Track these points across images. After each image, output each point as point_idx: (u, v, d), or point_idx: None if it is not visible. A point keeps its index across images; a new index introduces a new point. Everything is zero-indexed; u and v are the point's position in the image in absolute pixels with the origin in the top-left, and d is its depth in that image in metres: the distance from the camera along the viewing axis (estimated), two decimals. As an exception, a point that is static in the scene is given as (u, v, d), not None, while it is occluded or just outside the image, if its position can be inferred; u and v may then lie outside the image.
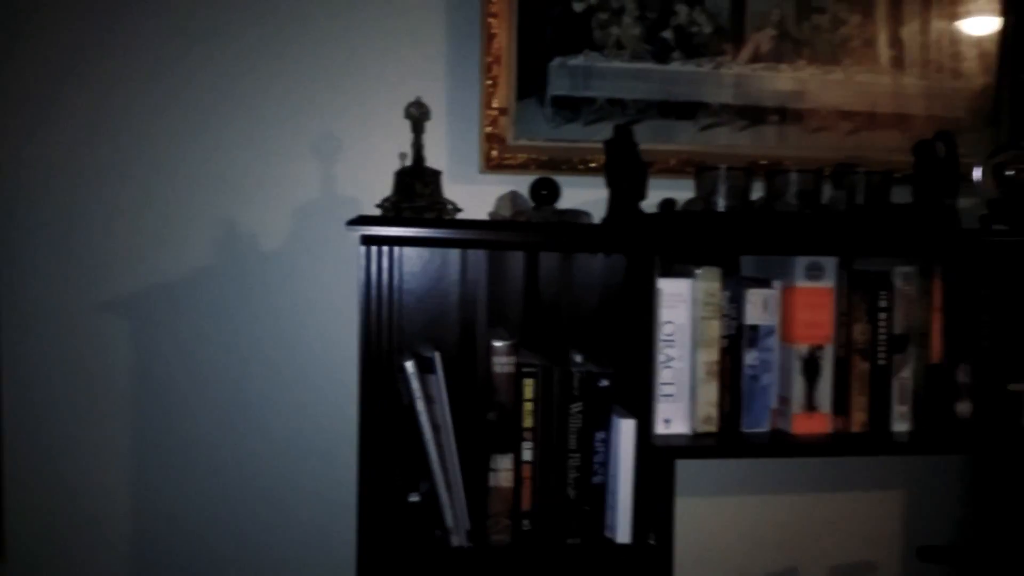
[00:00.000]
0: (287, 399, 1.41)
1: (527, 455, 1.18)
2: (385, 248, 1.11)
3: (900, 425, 1.30)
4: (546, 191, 1.24)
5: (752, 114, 1.47)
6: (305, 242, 1.41)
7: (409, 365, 1.13)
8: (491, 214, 1.29)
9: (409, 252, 1.32)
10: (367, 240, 1.10)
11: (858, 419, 1.30)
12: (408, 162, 1.19)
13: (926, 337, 1.31)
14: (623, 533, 1.19)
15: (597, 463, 1.20)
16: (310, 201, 1.40)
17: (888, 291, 1.30)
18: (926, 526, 1.55)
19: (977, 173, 1.39)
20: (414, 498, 1.20)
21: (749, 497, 1.53)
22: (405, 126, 1.20)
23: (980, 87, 1.53)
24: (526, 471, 1.18)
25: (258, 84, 1.38)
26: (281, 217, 1.40)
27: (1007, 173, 1.37)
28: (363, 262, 1.11)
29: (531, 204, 1.28)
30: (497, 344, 1.17)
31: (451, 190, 1.27)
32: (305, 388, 1.42)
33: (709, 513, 1.52)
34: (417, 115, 1.20)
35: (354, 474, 1.11)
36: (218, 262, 1.39)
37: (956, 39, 1.52)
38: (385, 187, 1.22)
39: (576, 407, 1.19)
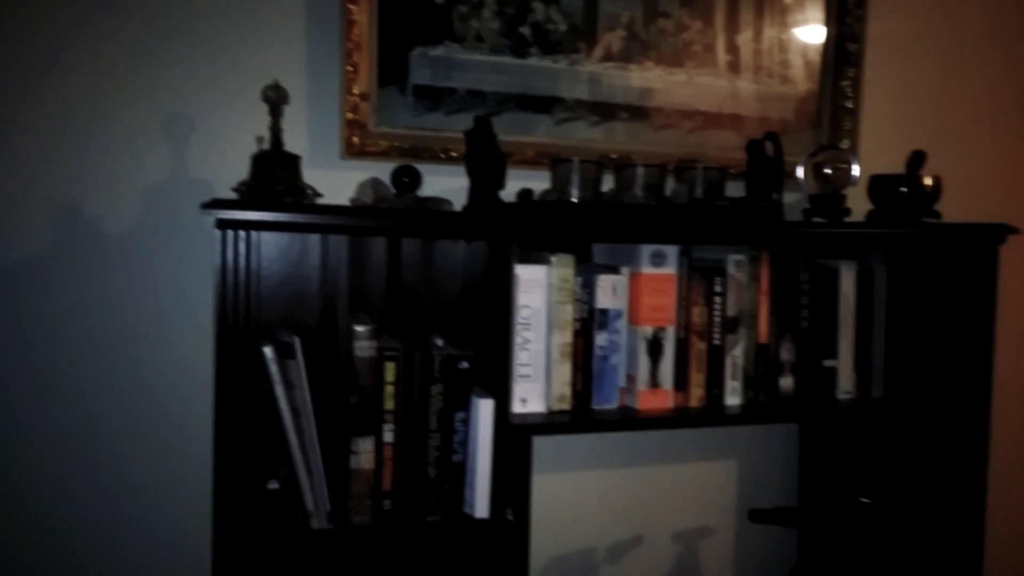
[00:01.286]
0: (139, 389, 1.36)
1: (388, 437, 1.20)
2: (242, 233, 1.09)
3: (733, 399, 1.43)
4: (408, 178, 1.27)
5: (604, 110, 1.56)
6: (156, 227, 1.36)
7: (268, 351, 1.13)
8: (352, 200, 1.30)
9: (268, 238, 1.30)
10: (223, 224, 1.08)
11: (696, 394, 1.41)
12: (266, 146, 1.18)
13: (755, 319, 1.44)
14: (481, 509, 1.24)
15: (457, 442, 1.24)
16: (161, 184, 1.36)
17: (722, 277, 1.42)
18: (757, 491, 1.71)
19: (800, 171, 1.54)
20: (273, 485, 1.19)
21: (599, 471, 1.62)
22: (263, 109, 1.19)
23: (805, 92, 1.69)
24: (387, 452, 1.20)
25: (103, 61, 1.32)
26: (129, 201, 1.34)
27: (825, 171, 1.53)
28: (219, 247, 1.09)
29: (392, 191, 1.29)
30: (358, 328, 1.19)
31: (311, 176, 1.27)
32: (158, 377, 1.37)
33: (563, 488, 1.60)
34: (275, 98, 1.19)
35: (211, 464, 1.09)
36: (59, 247, 1.31)
37: (785, 47, 1.67)
38: (241, 171, 1.20)
39: (437, 389, 1.22)
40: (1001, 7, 1.86)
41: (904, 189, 1.52)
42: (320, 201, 1.23)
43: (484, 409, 1.24)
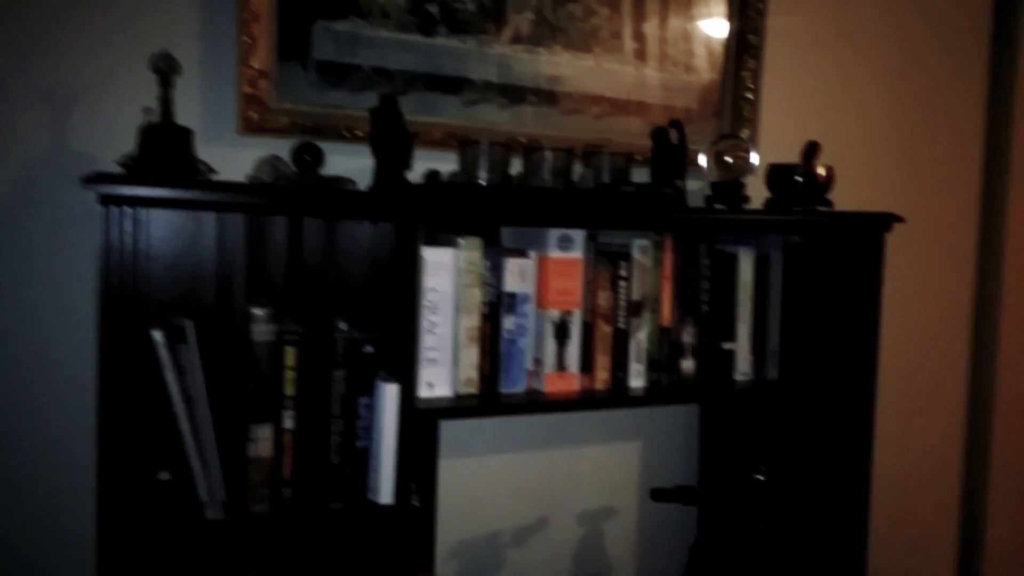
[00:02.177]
0: (17, 376, 1.27)
1: (288, 423, 1.16)
2: (128, 210, 1.03)
3: (636, 381, 1.46)
4: (308, 156, 1.22)
5: (513, 93, 1.55)
6: (35, 203, 1.26)
7: (157, 335, 1.07)
8: (249, 177, 1.24)
9: (159, 216, 1.23)
10: (107, 200, 1.02)
11: (601, 377, 1.43)
12: (154, 118, 1.11)
13: (658, 303, 1.47)
14: (386, 495, 1.22)
15: (361, 428, 1.21)
16: (40, 158, 1.26)
17: (628, 262, 1.44)
18: (660, 471, 1.75)
19: (703, 158, 1.58)
20: (165, 476, 1.14)
21: (506, 455, 1.63)
22: (153, 81, 1.12)
23: (709, 82, 1.73)
24: (287, 439, 1.16)
25: (-29, 20, 1.21)
26: (4, 175, 1.24)
27: (726, 159, 1.57)
28: (103, 224, 1.02)
29: (293, 169, 1.25)
30: (256, 312, 1.14)
31: (206, 152, 1.21)
32: (39, 364, 1.28)
33: (470, 472, 1.59)
34: (164, 68, 1.12)
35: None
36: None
37: (689, 37, 1.70)
38: (129, 145, 1.13)
39: (339, 374, 1.19)
40: (893, 3, 1.95)
41: (799, 178, 1.58)
42: (215, 178, 1.18)
43: (389, 394, 1.21)
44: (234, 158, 1.29)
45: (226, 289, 1.24)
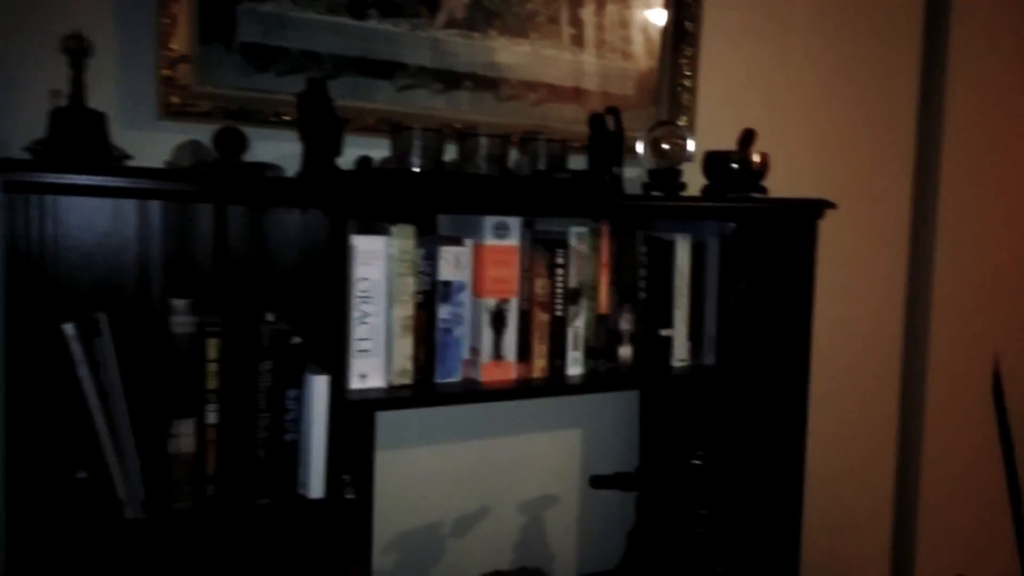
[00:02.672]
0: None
1: (212, 418, 1.13)
2: (35, 198, 0.98)
3: (575, 369, 1.45)
4: (231, 141, 1.18)
5: (448, 78, 1.52)
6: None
7: (69, 328, 1.02)
8: (167, 163, 1.20)
9: (73, 204, 1.17)
10: (11, 187, 0.97)
11: (539, 365, 1.42)
12: (64, 102, 1.06)
13: (595, 290, 1.46)
14: (316, 489, 1.19)
15: (289, 421, 1.18)
16: (-57, 142, 1.19)
17: (564, 249, 1.43)
18: (601, 458, 1.75)
19: (640, 145, 1.58)
20: (82, 475, 1.09)
21: (446, 445, 1.61)
22: (64, 62, 1.07)
23: (647, 69, 1.73)
24: (210, 434, 1.13)
25: None
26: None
27: (663, 146, 1.57)
28: (7, 213, 0.97)
29: (215, 155, 1.20)
30: (176, 303, 1.10)
31: (123, 137, 1.16)
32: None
33: (409, 463, 1.57)
34: (76, 49, 1.07)
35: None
36: None
37: (627, 24, 1.69)
38: (37, 129, 1.07)
39: (266, 366, 1.16)
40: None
41: (735, 165, 1.59)
42: (130, 163, 1.13)
43: (318, 386, 1.18)
44: (154, 143, 1.24)
45: (145, 280, 1.19)
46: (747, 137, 1.61)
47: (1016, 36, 2.20)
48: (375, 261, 1.27)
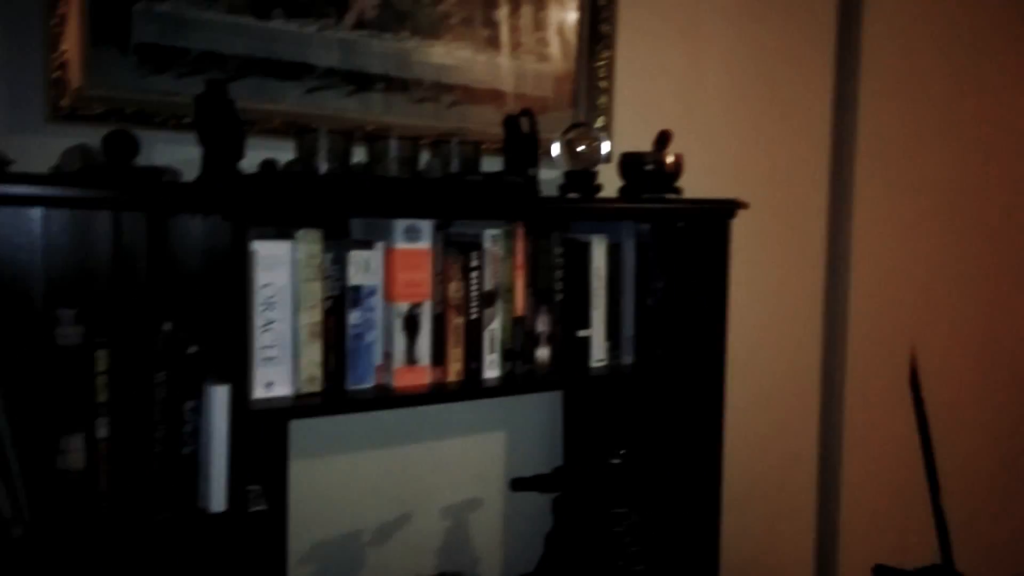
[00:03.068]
0: None
1: (103, 432, 1.08)
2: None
3: (491, 372, 1.44)
4: (121, 145, 1.14)
5: (359, 80, 1.50)
6: None
7: (-58, 342, 0.97)
8: (54, 169, 1.15)
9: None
10: None
11: (454, 369, 1.41)
12: (-65, 104, 1.01)
13: (511, 292, 1.46)
14: (218, 502, 1.16)
15: (187, 433, 1.14)
16: None
17: (479, 251, 1.42)
18: (525, 460, 1.74)
19: (555, 148, 1.58)
20: (-38, 495, 1.04)
21: (365, 452, 1.58)
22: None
23: (563, 71, 1.73)
24: (102, 449, 1.08)
25: None
26: None
27: (578, 148, 1.57)
28: None
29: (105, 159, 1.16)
30: (64, 313, 1.05)
31: (11, 141, 1.11)
32: None
33: (326, 472, 1.54)
34: (-52, 49, 1.02)
35: None
36: None
37: (543, 26, 1.69)
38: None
39: (161, 376, 1.12)
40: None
41: (650, 167, 1.60)
42: (16, 169, 1.08)
43: (218, 396, 1.15)
44: (43, 148, 1.19)
45: (28, 290, 1.14)
46: (662, 138, 1.63)
47: (927, 37, 2.27)
48: (279, 267, 1.24)
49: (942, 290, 2.39)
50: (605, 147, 1.58)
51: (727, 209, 1.56)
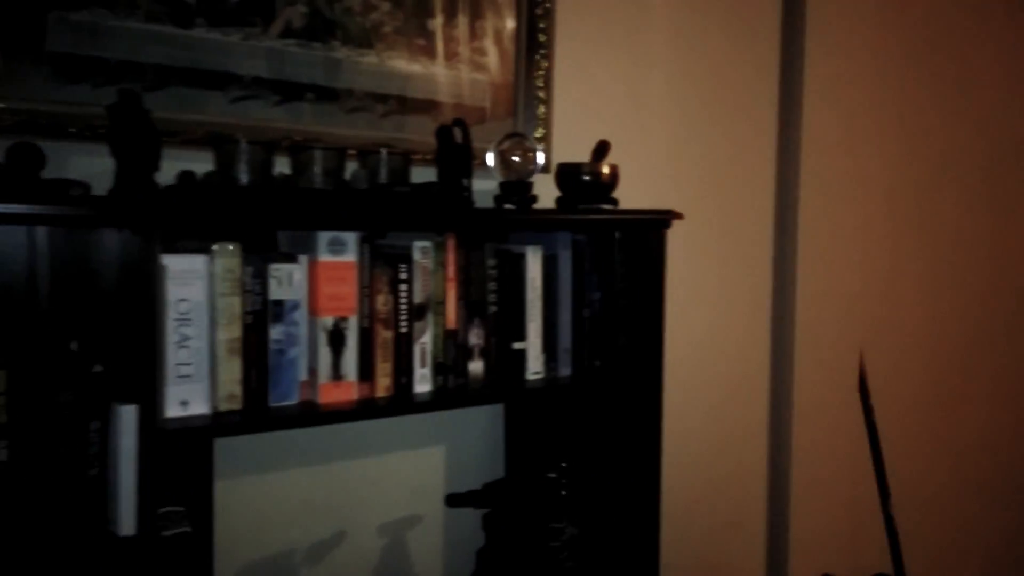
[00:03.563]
0: None
1: (2, 455, 1.04)
2: None
3: (423, 386, 1.42)
4: (26, 157, 1.10)
5: (287, 90, 1.47)
6: None
7: None
8: (-49, 182, 1.11)
9: None
10: None
11: (383, 384, 1.38)
12: None
13: (443, 305, 1.44)
14: (127, 526, 1.12)
15: (93, 455, 1.11)
16: None
17: (408, 264, 1.40)
18: (466, 474, 1.72)
19: (490, 158, 1.56)
20: None
21: (298, 470, 1.55)
22: None
23: (502, 81, 1.71)
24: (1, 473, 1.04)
25: None
26: None
27: (513, 159, 1.56)
28: None
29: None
30: (-43, 333, 1.02)
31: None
32: None
33: (256, 491, 1.51)
34: None
35: None
36: None
37: (479, 35, 1.68)
38: None
39: (65, 397, 1.08)
40: (682, 4, 2.00)
41: (586, 177, 1.59)
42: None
43: (126, 416, 1.11)
44: (-54, 160, 1.15)
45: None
46: (601, 149, 1.61)
47: (871, 41, 2.29)
48: (195, 281, 1.21)
49: (890, 295, 2.41)
50: (540, 157, 1.56)
51: (662, 219, 1.55)
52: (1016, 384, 2.76)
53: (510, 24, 1.70)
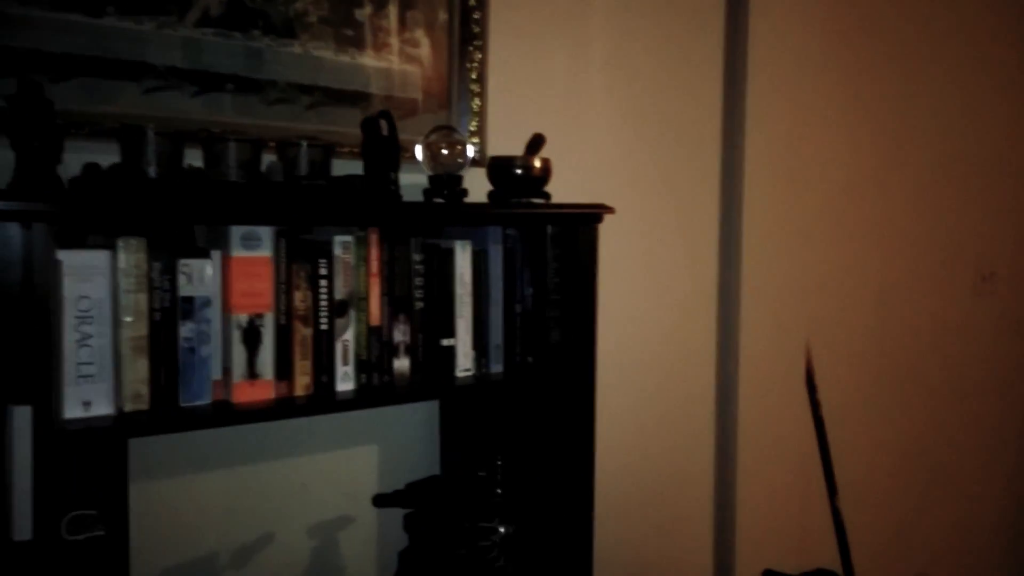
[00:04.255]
0: None
1: None
2: None
3: (345, 385, 1.38)
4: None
5: (205, 80, 1.43)
6: None
7: None
8: None
9: None
10: None
11: (302, 383, 1.34)
12: None
13: (366, 301, 1.40)
14: (23, 530, 1.08)
15: (-16, 459, 1.06)
16: None
17: (328, 259, 1.36)
18: (401, 473, 1.68)
19: (419, 151, 1.53)
20: None
21: (219, 472, 1.51)
22: None
23: (434, 73, 1.68)
24: None
25: None
26: None
27: (442, 151, 1.52)
28: None
29: None
30: None
31: None
32: None
33: (175, 494, 1.47)
34: None
35: None
36: None
37: (410, 26, 1.64)
38: None
39: (-49, 398, 1.04)
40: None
41: (519, 171, 1.56)
42: None
43: (20, 417, 1.07)
44: None
45: None
46: (535, 142, 1.59)
47: (816, 36, 2.28)
48: (96, 277, 1.17)
49: (837, 289, 2.40)
50: (470, 150, 1.53)
51: (594, 214, 1.53)
52: (963, 378, 2.77)
53: (442, 15, 1.67)
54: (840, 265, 2.39)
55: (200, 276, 1.26)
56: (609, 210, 1.53)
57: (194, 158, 1.32)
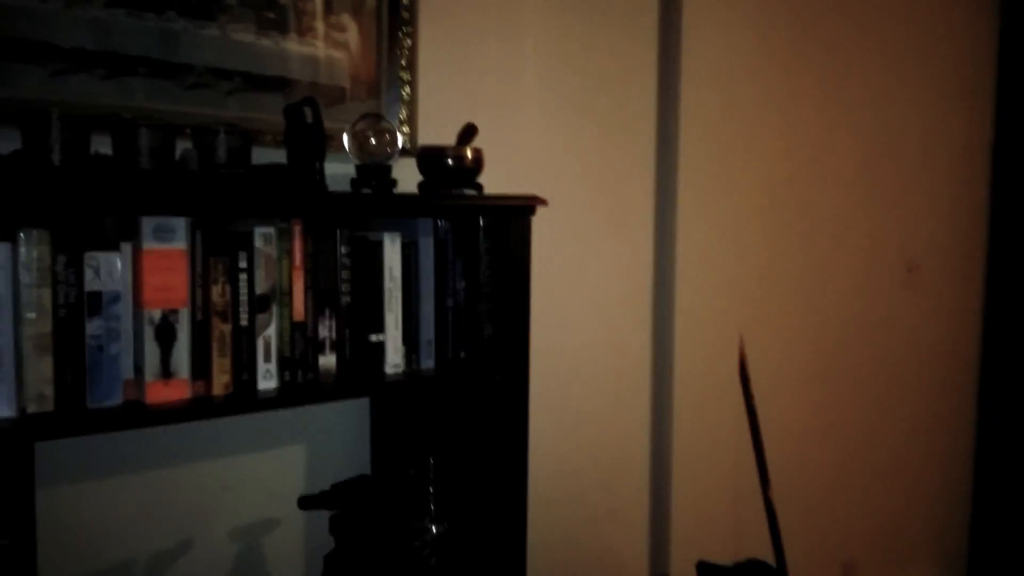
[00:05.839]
0: None
1: None
2: None
3: (267, 383, 1.33)
4: None
5: (115, 63, 1.36)
6: None
7: None
8: None
9: None
10: None
11: (221, 381, 1.29)
12: None
13: (288, 296, 1.35)
14: (-92, 544, 1.01)
15: None
16: None
17: (248, 251, 1.31)
18: (330, 473, 1.63)
19: (345, 140, 1.48)
20: None
21: (133, 475, 1.44)
22: None
23: (362, 59, 1.63)
24: None
25: None
26: None
27: (370, 141, 1.48)
28: None
29: None
30: None
31: None
32: None
33: (88, 499, 1.39)
34: None
35: None
36: None
37: (336, 10, 1.59)
38: None
39: None
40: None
41: (450, 161, 1.53)
42: None
43: (-97, 422, 1.00)
44: None
45: None
46: (467, 132, 1.56)
47: (750, 32, 2.30)
48: (-5, 271, 1.10)
49: (769, 282, 2.43)
50: (399, 140, 1.49)
51: (526, 206, 1.51)
52: (893, 369, 2.84)
53: (371, 3, 1.62)
54: (772, 258, 2.43)
55: (108, 270, 1.19)
56: (542, 202, 1.51)
57: (103, 145, 1.24)
